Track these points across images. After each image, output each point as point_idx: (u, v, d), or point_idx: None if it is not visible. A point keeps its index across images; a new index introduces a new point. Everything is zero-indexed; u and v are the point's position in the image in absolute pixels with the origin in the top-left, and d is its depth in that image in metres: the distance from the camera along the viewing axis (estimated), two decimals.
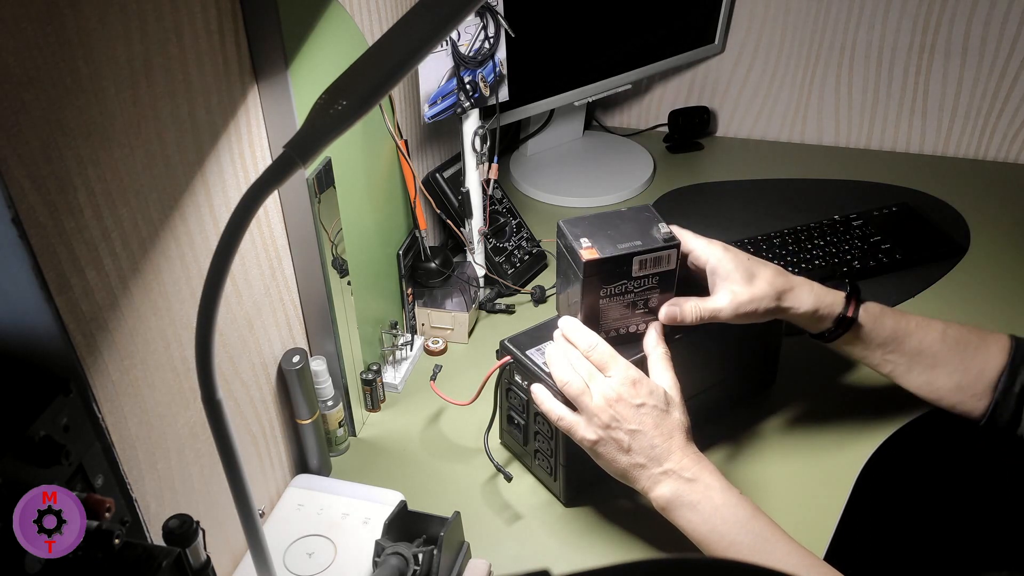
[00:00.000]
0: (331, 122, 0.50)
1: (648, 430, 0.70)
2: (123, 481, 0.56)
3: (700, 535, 0.70)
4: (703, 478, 0.70)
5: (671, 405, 0.73)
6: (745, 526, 0.68)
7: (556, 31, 1.21)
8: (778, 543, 0.68)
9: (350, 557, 0.76)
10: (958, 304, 1.09)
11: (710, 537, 0.69)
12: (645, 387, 0.72)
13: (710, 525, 0.69)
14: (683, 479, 0.70)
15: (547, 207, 1.32)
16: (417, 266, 1.02)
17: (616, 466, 0.72)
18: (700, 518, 0.69)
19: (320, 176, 0.76)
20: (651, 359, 0.76)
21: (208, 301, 0.49)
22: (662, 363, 0.76)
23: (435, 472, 0.88)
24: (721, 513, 0.69)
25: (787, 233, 1.18)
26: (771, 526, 0.69)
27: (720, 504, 0.69)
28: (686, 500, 0.70)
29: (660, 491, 0.71)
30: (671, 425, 0.72)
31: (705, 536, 0.69)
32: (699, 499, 0.70)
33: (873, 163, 1.41)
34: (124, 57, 0.54)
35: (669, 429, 0.71)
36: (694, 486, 0.70)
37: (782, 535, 0.69)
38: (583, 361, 0.74)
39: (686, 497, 0.70)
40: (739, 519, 0.69)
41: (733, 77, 1.47)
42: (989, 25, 1.30)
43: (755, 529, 0.68)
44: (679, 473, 0.70)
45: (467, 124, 1.01)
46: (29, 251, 0.47)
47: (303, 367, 0.79)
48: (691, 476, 0.70)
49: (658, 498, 0.71)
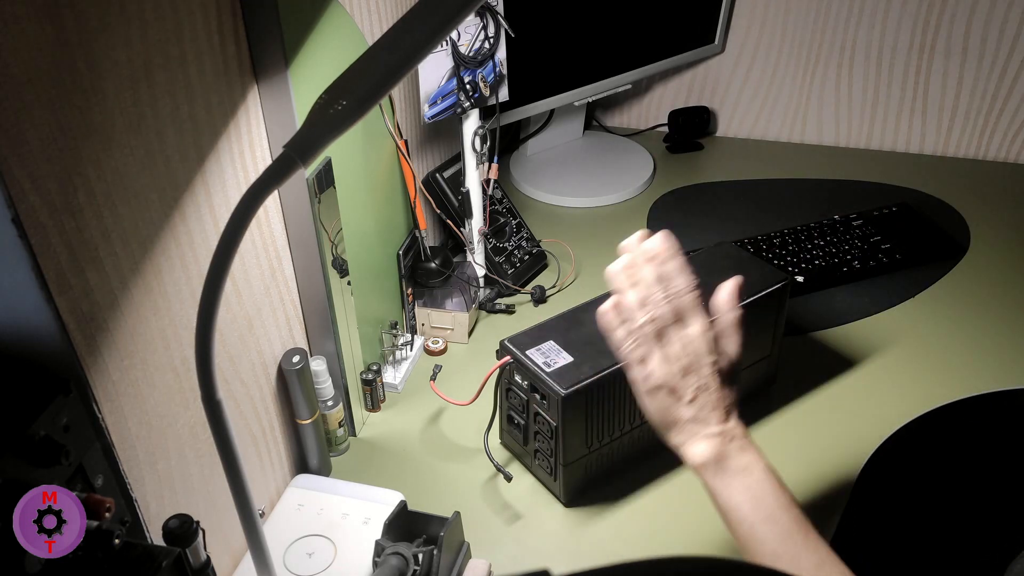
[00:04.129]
0: (331, 122, 0.50)
1: (714, 391, 0.69)
2: (123, 481, 0.56)
3: (736, 502, 0.67)
4: (751, 451, 0.68)
5: (733, 374, 0.71)
6: (787, 509, 0.66)
7: (556, 31, 1.21)
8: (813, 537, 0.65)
9: (350, 557, 0.76)
10: (958, 304, 1.09)
11: (745, 505, 0.66)
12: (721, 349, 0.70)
13: (752, 493, 0.66)
14: (734, 443, 0.68)
15: (547, 207, 1.32)
16: (417, 266, 1.02)
17: (668, 413, 0.69)
18: (742, 484, 0.67)
19: (320, 176, 0.76)
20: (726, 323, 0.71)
21: (208, 301, 0.49)
22: (735, 331, 0.72)
23: (435, 472, 0.88)
24: (764, 487, 0.66)
25: (787, 233, 1.18)
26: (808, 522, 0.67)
27: (763, 479, 0.67)
28: (732, 464, 0.67)
29: (705, 448, 0.68)
30: (731, 393, 0.70)
31: (740, 503, 0.66)
32: (745, 466, 0.67)
33: (873, 163, 1.41)
34: (124, 57, 0.54)
35: (730, 396, 0.70)
36: (743, 455, 0.68)
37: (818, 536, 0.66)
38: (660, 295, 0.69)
39: (733, 461, 0.67)
40: (780, 500, 0.66)
41: (733, 77, 1.47)
42: (989, 25, 1.30)
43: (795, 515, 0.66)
44: (732, 437, 0.68)
45: (467, 124, 1.01)
46: (29, 251, 0.47)
47: (303, 367, 0.79)
48: (741, 446, 0.68)
49: (701, 454, 0.68)
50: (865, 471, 0.86)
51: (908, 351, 1.01)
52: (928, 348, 1.02)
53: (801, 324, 1.05)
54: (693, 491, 0.84)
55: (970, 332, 1.04)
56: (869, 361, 1.00)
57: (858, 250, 1.15)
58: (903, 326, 1.05)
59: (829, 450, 0.88)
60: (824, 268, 1.12)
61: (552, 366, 0.78)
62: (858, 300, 1.09)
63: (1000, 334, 1.04)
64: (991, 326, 1.05)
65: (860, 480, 0.85)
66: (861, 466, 0.86)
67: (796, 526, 0.66)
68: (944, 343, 1.02)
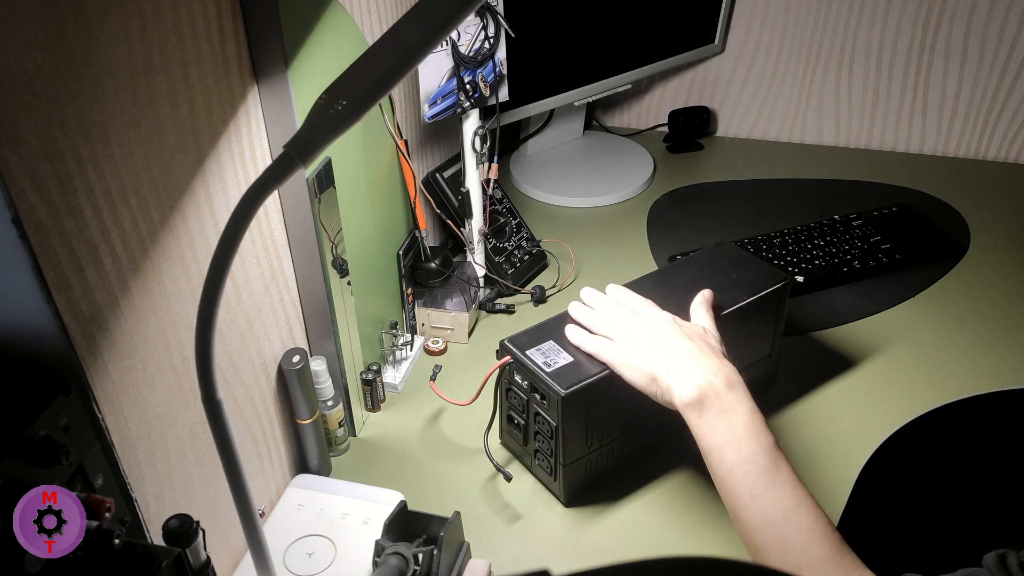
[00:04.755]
0: (331, 122, 0.50)
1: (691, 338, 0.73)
2: (123, 481, 0.56)
3: (718, 443, 0.67)
4: (738, 389, 0.69)
5: (708, 335, 0.75)
6: (768, 451, 0.67)
7: (556, 31, 1.21)
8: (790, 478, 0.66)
9: (350, 557, 0.76)
10: (958, 304, 1.09)
11: (727, 446, 0.67)
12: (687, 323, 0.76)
13: (734, 434, 0.67)
14: (720, 380, 0.69)
15: (547, 207, 1.32)
16: (417, 266, 1.02)
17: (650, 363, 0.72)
18: (725, 424, 0.67)
19: (320, 176, 0.76)
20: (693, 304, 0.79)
21: (208, 301, 0.49)
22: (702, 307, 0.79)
23: (435, 472, 0.88)
24: (747, 427, 0.67)
25: (787, 233, 1.18)
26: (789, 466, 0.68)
27: (748, 420, 0.68)
28: (717, 404, 0.68)
29: (690, 386, 0.69)
30: (712, 345, 0.73)
31: (722, 444, 0.67)
32: (729, 406, 0.68)
33: (873, 163, 1.41)
34: (124, 57, 0.54)
35: (711, 346, 0.73)
36: (729, 393, 0.68)
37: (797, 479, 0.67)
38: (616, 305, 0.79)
39: (718, 400, 0.68)
40: (762, 441, 0.67)
41: (733, 77, 1.47)
42: (989, 25, 1.30)
43: (775, 457, 0.67)
44: (716, 373, 0.69)
45: (467, 124, 1.01)
46: (29, 251, 0.47)
47: (303, 367, 0.79)
48: (727, 383, 0.69)
49: (687, 393, 0.69)
50: (865, 471, 0.86)
51: (908, 351, 1.01)
52: (928, 348, 1.02)
53: (801, 324, 1.05)
54: (693, 491, 0.84)
55: (970, 332, 1.04)
56: (869, 361, 1.00)
57: (858, 250, 1.15)
58: (903, 326, 1.05)
59: (829, 450, 0.88)
60: (824, 268, 1.12)
61: (552, 366, 0.78)
62: (858, 300, 1.09)
63: (1000, 334, 1.04)
64: (991, 326, 1.05)
65: (860, 480, 0.85)
66: (861, 466, 0.86)
67: (775, 467, 0.66)
68: (944, 343, 1.02)
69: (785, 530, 0.64)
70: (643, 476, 0.86)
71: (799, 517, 0.65)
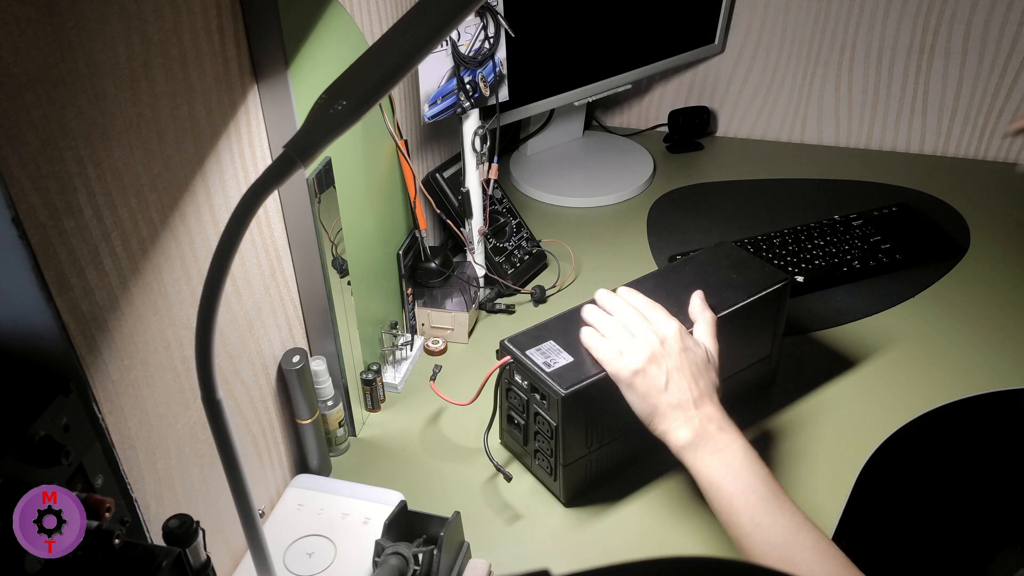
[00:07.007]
0: (331, 122, 0.50)
1: (687, 375, 0.74)
2: (123, 481, 0.56)
3: (715, 477, 0.70)
4: (730, 431, 0.72)
5: (710, 363, 0.76)
6: (764, 480, 0.69)
7: (556, 31, 1.21)
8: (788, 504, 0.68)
9: (350, 557, 0.76)
10: (958, 304, 1.09)
11: (725, 480, 0.70)
12: (690, 339, 0.76)
13: (730, 469, 0.70)
14: (712, 425, 0.72)
15: (547, 207, 1.32)
16: (417, 266, 1.02)
17: (648, 401, 0.73)
18: (720, 461, 0.71)
19: (320, 176, 0.76)
20: (697, 323, 0.80)
21: (208, 301, 0.49)
22: (707, 328, 0.79)
23: (435, 472, 0.88)
24: (742, 462, 0.70)
25: (787, 233, 1.18)
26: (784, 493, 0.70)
27: (742, 456, 0.71)
28: (711, 444, 0.71)
29: (685, 431, 0.72)
30: (708, 381, 0.75)
31: (720, 479, 0.70)
32: (724, 446, 0.71)
33: (873, 163, 1.41)
34: (124, 57, 0.54)
35: (707, 383, 0.75)
36: (722, 434, 0.72)
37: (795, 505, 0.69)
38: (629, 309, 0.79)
39: (711, 442, 0.71)
40: (758, 473, 0.70)
41: (733, 77, 1.47)
42: (989, 25, 1.30)
43: (772, 487, 0.69)
44: (709, 419, 0.72)
45: (467, 124, 1.01)
46: (29, 251, 0.47)
47: (303, 367, 0.79)
48: (719, 427, 0.72)
49: (681, 438, 0.72)
50: (865, 471, 0.86)
51: (908, 351, 1.01)
52: (928, 348, 1.02)
53: (801, 324, 1.05)
54: (693, 491, 0.84)
55: (970, 332, 1.04)
56: (869, 361, 1.00)
57: (858, 250, 1.15)
58: (903, 326, 1.05)
59: (829, 450, 0.88)
60: (824, 268, 1.12)
61: (552, 366, 0.78)
62: (858, 300, 1.09)
63: (1000, 334, 1.04)
64: (991, 326, 1.05)
65: (860, 480, 0.85)
66: (861, 466, 0.86)
67: (772, 495, 0.69)
68: (944, 343, 1.02)
69: (789, 552, 0.66)
70: (643, 476, 0.86)
71: (801, 539, 0.66)
